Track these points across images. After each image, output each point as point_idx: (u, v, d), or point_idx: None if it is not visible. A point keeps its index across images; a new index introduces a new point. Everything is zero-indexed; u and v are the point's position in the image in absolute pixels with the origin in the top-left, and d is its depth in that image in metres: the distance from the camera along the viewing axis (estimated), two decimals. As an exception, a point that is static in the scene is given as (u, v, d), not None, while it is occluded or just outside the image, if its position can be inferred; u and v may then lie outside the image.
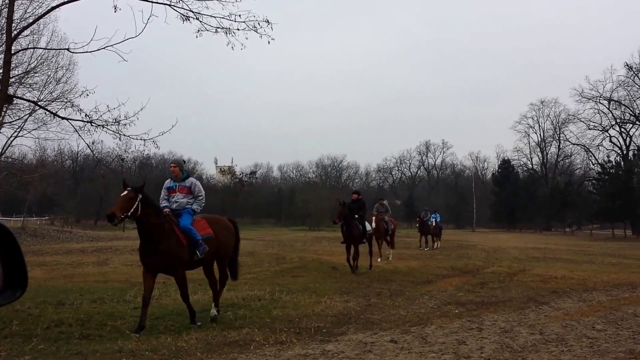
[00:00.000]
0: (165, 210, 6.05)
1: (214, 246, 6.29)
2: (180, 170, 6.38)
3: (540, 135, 61.82)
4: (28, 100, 12.66)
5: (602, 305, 7.60)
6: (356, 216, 11.52)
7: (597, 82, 50.28)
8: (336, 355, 4.77)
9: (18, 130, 19.59)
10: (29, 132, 20.01)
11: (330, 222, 11.92)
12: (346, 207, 11.35)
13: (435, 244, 22.37)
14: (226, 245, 6.62)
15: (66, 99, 12.59)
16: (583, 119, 52.01)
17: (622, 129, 50.78)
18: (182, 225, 5.97)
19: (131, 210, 5.51)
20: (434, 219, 22.24)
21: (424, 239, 21.63)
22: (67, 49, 9.98)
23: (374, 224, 13.94)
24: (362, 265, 12.29)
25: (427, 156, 75.36)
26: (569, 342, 5.26)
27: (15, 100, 12.64)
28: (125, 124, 9.34)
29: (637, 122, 48.67)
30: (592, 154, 53.79)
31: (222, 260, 6.69)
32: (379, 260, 14.45)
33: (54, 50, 16.38)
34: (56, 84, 18.53)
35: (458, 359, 4.67)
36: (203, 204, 6.35)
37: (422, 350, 4.92)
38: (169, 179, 6.44)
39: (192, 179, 6.45)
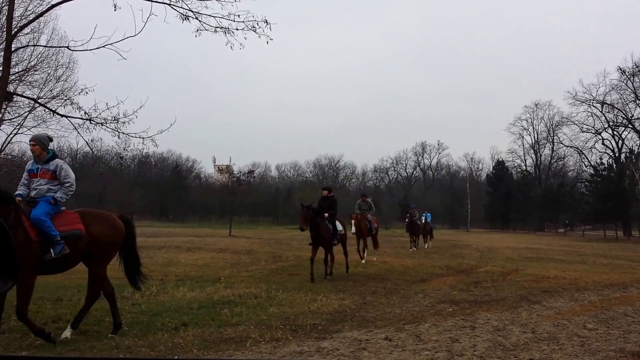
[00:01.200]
0: (16, 198, 4.95)
1: (82, 247, 5.16)
2: (43, 149, 5.23)
3: (534, 137, 62.29)
4: (28, 98, 12.73)
5: (593, 304, 7.71)
6: (325, 215, 10.31)
7: (590, 86, 51.01)
8: (331, 352, 4.83)
9: (18, 127, 19.61)
10: (28, 129, 20.05)
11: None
12: (310, 209, 10.09)
13: (427, 244, 21.32)
14: (105, 248, 5.41)
15: (66, 96, 12.64)
16: (576, 122, 52.53)
17: (615, 132, 51.29)
18: (32, 215, 4.83)
19: None
20: (424, 217, 21.24)
21: (414, 239, 20.25)
22: (67, 47, 10.03)
23: (353, 228, 13.13)
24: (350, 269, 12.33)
25: (422, 157, 75.70)
26: (560, 341, 5.35)
27: (15, 98, 12.69)
28: (124, 122, 9.38)
29: (630, 126, 49.15)
30: (585, 156, 54.33)
31: (95, 267, 5.42)
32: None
33: (54, 48, 16.47)
34: (56, 82, 18.61)
35: (451, 356, 4.74)
36: (71, 192, 5.25)
37: (416, 348, 4.99)
38: (32, 160, 5.34)
39: (57, 161, 5.26)
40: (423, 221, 21.06)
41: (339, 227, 10.85)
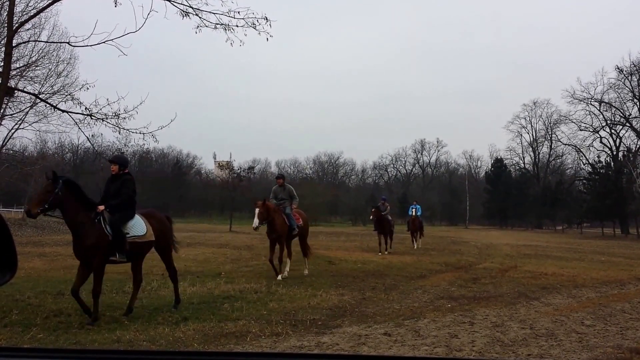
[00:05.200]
0: None
1: None
2: None
3: (532, 135, 62.36)
4: (29, 93, 12.77)
5: (591, 301, 7.77)
6: (100, 208, 5.67)
7: (588, 84, 50.94)
8: (331, 347, 4.87)
9: (19, 122, 19.72)
10: (30, 124, 20.17)
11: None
12: (59, 185, 5.48)
13: (416, 242, 18.49)
14: None
15: (67, 92, 12.65)
16: (574, 120, 52.57)
17: (613, 131, 51.39)
18: None
19: None
20: (413, 210, 18.32)
21: (382, 239, 15.68)
22: (68, 43, 10.03)
23: (256, 220, 9.22)
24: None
25: (422, 154, 75.74)
26: (558, 337, 5.40)
27: (17, 93, 12.71)
28: (124, 118, 9.39)
29: (627, 124, 49.23)
30: (583, 154, 54.37)
31: None
32: (279, 277, 9.21)
33: (55, 44, 16.49)
34: (57, 78, 18.71)
35: (450, 352, 4.79)
36: None
37: (415, 343, 5.03)
38: None
39: None
40: (412, 214, 18.30)
41: (141, 230, 6.01)
